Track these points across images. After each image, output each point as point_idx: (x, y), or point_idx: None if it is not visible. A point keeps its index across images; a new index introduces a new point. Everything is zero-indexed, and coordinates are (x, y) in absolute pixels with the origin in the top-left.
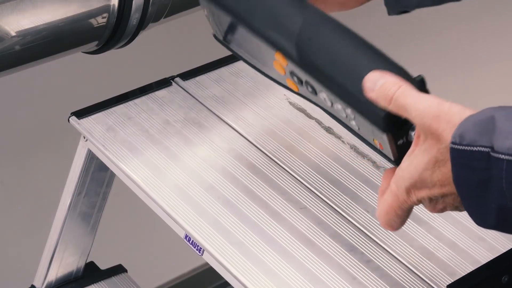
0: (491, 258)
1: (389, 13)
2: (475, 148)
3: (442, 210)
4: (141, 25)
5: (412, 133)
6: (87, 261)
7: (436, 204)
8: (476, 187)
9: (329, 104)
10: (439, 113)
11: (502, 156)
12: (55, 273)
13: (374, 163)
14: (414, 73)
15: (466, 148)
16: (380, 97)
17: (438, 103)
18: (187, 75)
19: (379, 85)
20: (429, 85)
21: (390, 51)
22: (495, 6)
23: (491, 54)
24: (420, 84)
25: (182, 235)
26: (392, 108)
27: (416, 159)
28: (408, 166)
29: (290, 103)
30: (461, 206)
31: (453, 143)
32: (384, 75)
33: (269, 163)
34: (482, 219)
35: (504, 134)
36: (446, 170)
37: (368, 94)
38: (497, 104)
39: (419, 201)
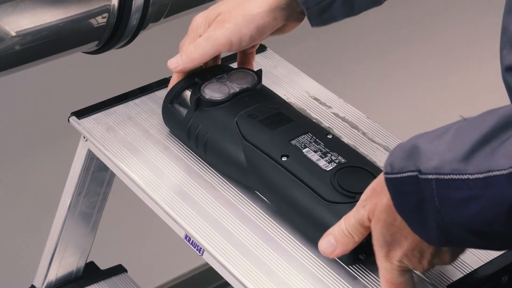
0: (491, 258)
1: (312, 25)
2: (404, 174)
3: (430, 264)
4: (141, 25)
5: None
6: (87, 261)
7: (419, 260)
8: (414, 211)
9: None
10: (373, 184)
11: (430, 176)
12: (55, 273)
13: (374, 163)
14: (414, 73)
15: (397, 175)
16: (343, 247)
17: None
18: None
19: (332, 243)
20: (429, 85)
21: (389, 51)
22: (493, 6)
23: (489, 53)
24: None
25: (182, 235)
26: (357, 239)
27: (375, 227)
28: (375, 237)
29: (290, 103)
30: (442, 253)
31: (385, 173)
32: (326, 235)
33: None
34: (430, 239)
35: (428, 156)
36: (398, 220)
37: (334, 256)
38: (493, 104)
39: (400, 262)
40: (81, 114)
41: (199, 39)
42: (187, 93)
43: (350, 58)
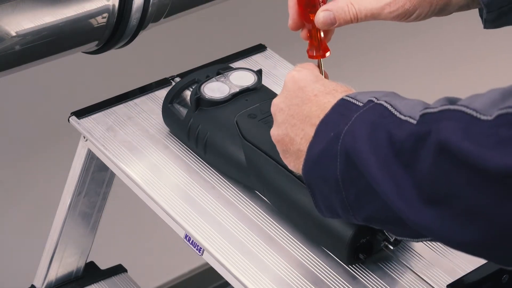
0: None
1: (485, 27)
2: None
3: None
4: (141, 25)
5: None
6: (87, 261)
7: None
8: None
9: None
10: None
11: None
12: (55, 273)
13: None
14: (415, 73)
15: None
16: None
17: None
18: (186, 75)
19: None
20: (427, 82)
21: (389, 50)
22: None
23: (487, 49)
24: None
25: (182, 235)
26: None
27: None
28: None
29: None
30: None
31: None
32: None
33: None
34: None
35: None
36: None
37: None
38: None
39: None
40: (81, 114)
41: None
42: (187, 93)
43: (349, 57)
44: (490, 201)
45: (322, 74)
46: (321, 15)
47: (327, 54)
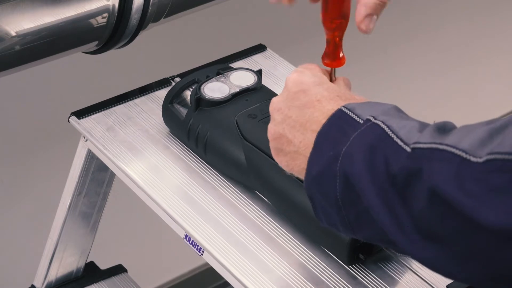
0: None
1: None
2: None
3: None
4: (141, 25)
5: None
6: (87, 261)
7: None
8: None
9: None
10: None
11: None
12: (55, 273)
13: None
14: (416, 73)
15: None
16: None
17: None
18: (186, 75)
19: None
20: (428, 83)
21: (389, 49)
22: (492, 3)
23: (488, 51)
24: None
25: (182, 235)
26: None
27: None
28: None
29: None
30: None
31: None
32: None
33: None
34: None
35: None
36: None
37: None
38: (490, 101)
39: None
40: (81, 114)
41: None
42: (187, 93)
43: (349, 57)
44: (484, 247)
45: (332, 82)
46: None
47: (343, 62)
